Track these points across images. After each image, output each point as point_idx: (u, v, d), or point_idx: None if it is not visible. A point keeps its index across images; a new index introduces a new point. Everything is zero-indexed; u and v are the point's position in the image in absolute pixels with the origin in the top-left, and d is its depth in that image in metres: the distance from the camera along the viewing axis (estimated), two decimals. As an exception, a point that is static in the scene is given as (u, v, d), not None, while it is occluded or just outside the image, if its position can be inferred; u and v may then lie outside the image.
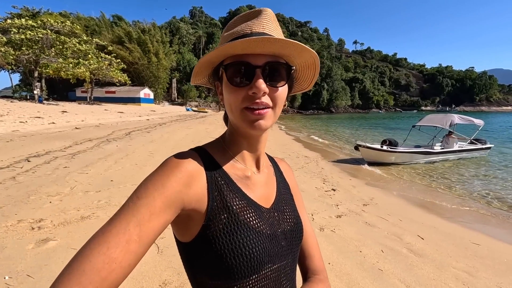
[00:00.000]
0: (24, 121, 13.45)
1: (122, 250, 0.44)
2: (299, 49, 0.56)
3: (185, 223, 0.56)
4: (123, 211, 0.48)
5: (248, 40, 0.51)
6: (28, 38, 27.06)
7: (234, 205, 0.57)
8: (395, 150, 9.50)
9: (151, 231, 0.48)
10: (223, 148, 0.65)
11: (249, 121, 0.56)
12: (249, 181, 0.64)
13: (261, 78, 0.54)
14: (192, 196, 0.54)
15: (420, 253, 3.32)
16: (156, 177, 0.52)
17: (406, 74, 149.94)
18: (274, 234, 0.61)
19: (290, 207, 0.70)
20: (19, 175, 5.14)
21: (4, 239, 2.92)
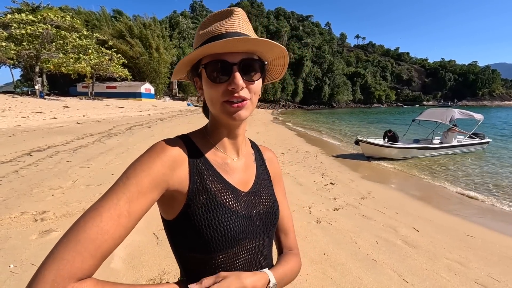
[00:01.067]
0: (26, 116, 13.54)
1: (114, 223, 0.50)
2: (271, 45, 0.62)
3: (169, 202, 0.63)
4: (114, 189, 0.54)
5: (226, 41, 0.56)
6: (28, 33, 27.01)
7: (212, 188, 0.64)
8: (394, 146, 9.54)
9: (139, 208, 0.55)
10: (205, 137, 0.71)
11: (229, 113, 0.62)
12: (228, 167, 0.70)
13: (238, 74, 0.60)
14: (175, 178, 0.61)
15: (414, 245, 3.39)
16: (144, 160, 0.58)
17: (408, 68, 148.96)
18: (249, 215, 0.68)
19: (267, 191, 0.76)
20: (22, 169, 5.23)
21: (8, 230, 3.01)
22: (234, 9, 0.65)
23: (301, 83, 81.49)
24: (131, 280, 2.34)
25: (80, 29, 33.64)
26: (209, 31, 0.63)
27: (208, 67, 0.61)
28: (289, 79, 77.00)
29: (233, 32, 0.62)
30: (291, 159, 8.26)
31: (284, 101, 75.87)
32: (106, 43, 37.62)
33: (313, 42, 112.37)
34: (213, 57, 0.61)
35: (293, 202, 4.55)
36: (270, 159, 0.86)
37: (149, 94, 45.65)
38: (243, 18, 0.65)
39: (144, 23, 54.29)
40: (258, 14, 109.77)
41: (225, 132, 0.70)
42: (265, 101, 69.06)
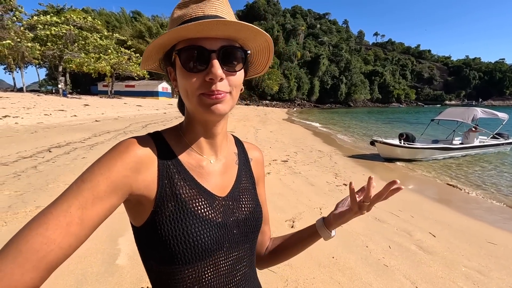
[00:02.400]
0: (48, 114, 14.11)
1: (62, 232, 0.44)
2: (254, 32, 0.55)
3: (136, 207, 0.57)
4: (66, 194, 0.48)
5: (201, 23, 0.49)
6: (53, 34, 28.22)
7: (183, 194, 0.57)
8: (412, 146, 9.19)
9: (95, 215, 0.48)
10: (179, 135, 0.64)
11: (206, 106, 0.55)
12: (203, 169, 0.63)
13: (217, 63, 0.53)
14: (140, 182, 0.54)
15: (429, 251, 3.22)
16: (103, 161, 0.51)
17: (430, 66, 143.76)
18: (225, 223, 0.61)
19: (248, 196, 0.69)
20: (40, 165, 5.42)
21: (22, 223, 3.08)
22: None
23: (317, 82, 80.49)
24: (136, 277, 2.35)
25: (101, 29, 34.83)
26: (185, 13, 0.56)
27: (182, 54, 0.54)
28: (305, 77, 76.27)
29: (212, 15, 0.55)
30: (304, 159, 8.13)
31: (299, 100, 75.23)
32: (125, 43, 38.67)
33: (330, 40, 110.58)
34: (189, 42, 0.54)
35: (303, 203, 4.46)
36: (256, 159, 0.78)
37: (166, 92, 46.55)
38: (224, 1, 0.58)
39: (162, 23, 55.47)
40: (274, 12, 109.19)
41: (202, 130, 0.63)
42: (280, 100, 68.71)
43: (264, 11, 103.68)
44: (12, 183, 4.37)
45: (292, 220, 3.75)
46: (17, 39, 20.23)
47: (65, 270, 2.32)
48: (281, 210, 4.09)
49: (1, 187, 4.15)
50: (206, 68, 0.53)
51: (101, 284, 2.26)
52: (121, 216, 0.60)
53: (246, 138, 11.11)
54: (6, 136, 8.02)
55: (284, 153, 8.77)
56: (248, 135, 12.20)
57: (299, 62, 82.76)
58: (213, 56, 0.53)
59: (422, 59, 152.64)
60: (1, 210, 3.40)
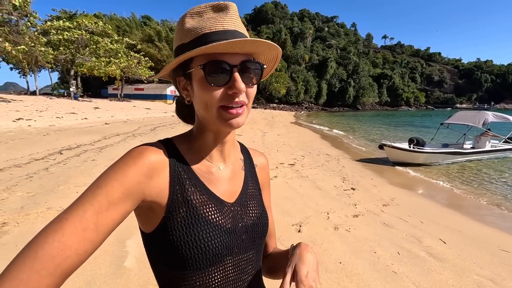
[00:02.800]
0: (60, 117, 14.42)
1: (78, 238, 0.45)
2: (270, 47, 0.58)
3: (147, 214, 0.58)
4: (82, 199, 0.49)
5: (232, 42, 0.51)
6: (65, 38, 28.89)
7: (194, 200, 0.59)
8: (422, 151, 9.04)
9: (110, 220, 0.49)
10: (190, 142, 0.66)
11: (225, 119, 0.57)
12: (212, 176, 0.64)
13: (239, 77, 0.55)
14: (153, 188, 0.55)
15: (440, 257, 3.16)
16: (117, 167, 0.52)
17: (440, 69, 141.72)
18: (234, 228, 0.62)
19: (255, 202, 0.70)
20: (51, 166, 5.54)
21: (34, 224, 3.18)
22: (229, 4, 0.59)
23: (325, 85, 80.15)
24: (143, 280, 2.37)
25: (111, 34, 35.49)
26: (201, 25, 0.56)
27: (207, 68, 0.54)
28: (312, 81, 76.05)
29: (232, 30, 0.56)
30: (311, 162, 8.09)
31: (307, 103, 74.99)
32: (135, 47, 39.31)
33: (338, 43, 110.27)
34: (211, 56, 0.54)
35: (310, 207, 4.43)
36: (261, 165, 0.79)
37: (175, 96, 47.00)
38: (238, 15, 0.60)
39: (171, 27, 56.28)
40: (282, 16, 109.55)
41: (212, 138, 0.64)
42: (287, 103, 68.64)
43: (272, 15, 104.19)
44: (24, 184, 4.47)
45: (299, 225, 3.73)
46: (31, 44, 20.76)
47: (75, 272, 2.35)
48: (288, 214, 4.07)
49: (14, 188, 4.25)
50: (228, 82, 0.55)
51: (109, 286, 2.28)
52: (129, 219, 0.61)
53: (253, 141, 11.13)
54: (20, 139, 8.22)
55: (291, 156, 8.74)
56: (255, 138, 12.21)
57: (307, 65, 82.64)
58: (235, 71, 0.55)
59: (432, 61, 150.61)
60: (14, 211, 3.48)
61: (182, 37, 0.58)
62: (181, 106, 0.72)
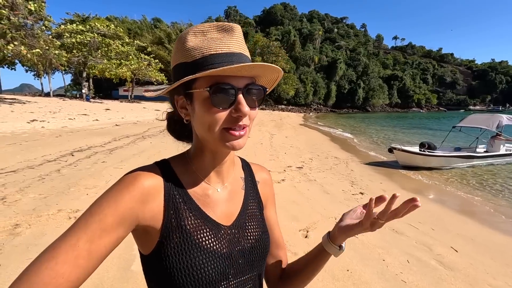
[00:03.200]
0: (72, 118, 14.74)
1: (70, 265, 0.46)
2: (274, 70, 0.58)
3: (143, 237, 0.58)
4: (75, 227, 0.50)
5: (243, 66, 0.52)
6: (78, 41, 29.62)
7: (188, 225, 0.58)
8: (433, 154, 8.86)
9: (102, 247, 0.50)
10: (187, 163, 0.65)
11: (227, 140, 0.56)
12: (209, 198, 0.64)
13: (244, 100, 0.55)
14: (147, 212, 0.55)
15: (451, 267, 3.08)
16: (110, 194, 0.53)
17: (452, 70, 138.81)
18: (230, 253, 0.62)
19: (255, 223, 0.69)
20: (63, 168, 5.65)
21: (45, 226, 3.25)
22: (234, 26, 0.58)
23: (334, 86, 79.55)
24: (149, 284, 2.38)
25: (123, 36, 36.19)
26: (206, 46, 0.55)
27: (213, 91, 0.54)
28: (321, 82, 75.59)
29: (237, 53, 0.57)
30: (319, 166, 8.02)
31: (315, 105, 74.53)
32: (145, 49, 39.92)
33: (347, 45, 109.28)
34: (217, 79, 0.54)
35: (318, 212, 4.39)
36: (264, 181, 0.78)
37: (183, 97, 47.49)
38: (242, 37, 0.60)
39: (181, 29, 56.96)
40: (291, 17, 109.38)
41: (210, 158, 0.64)
42: (296, 104, 68.35)
43: (281, 16, 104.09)
44: (37, 186, 4.58)
45: (306, 230, 3.70)
46: (45, 47, 21.33)
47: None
48: (295, 219, 4.04)
49: (26, 190, 4.36)
50: (232, 105, 0.55)
51: (116, 290, 2.31)
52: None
53: (261, 143, 11.12)
54: (33, 140, 8.44)
55: (299, 159, 8.69)
56: (263, 140, 12.20)
57: (316, 66, 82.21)
58: (239, 94, 0.55)
59: (444, 62, 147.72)
60: (26, 212, 3.57)
61: (185, 55, 0.57)
62: (174, 123, 0.71)
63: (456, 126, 10.51)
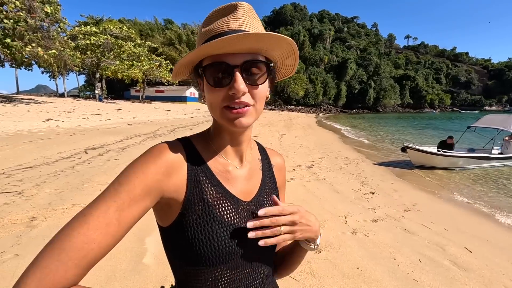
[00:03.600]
0: (86, 118, 15.09)
1: (102, 232, 0.48)
2: (276, 40, 0.55)
3: (164, 209, 0.59)
4: (105, 196, 0.51)
5: (222, 40, 0.50)
6: (92, 43, 30.28)
7: (210, 198, 0.60)
8: (447, 154, 8.65)
9: (130, 216, 0.51)
10: (207, 141, 0.67)
11: (229, 119, 0.57)
12: (229, 174, 0.65)
13: (240, 78, 0.54)
14: (171, 185, 0.57)
15: (465, 267, 3.00)
16: (138, 164, 0.54)
17: (467, 70, 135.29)
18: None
19: (272, 201, 0.69)
20: (77, 165, 5.80)
21: (60, 219, 3.34)
22: (238, 4, 0.58)
23: (344, 87, 78.80)
24: (160, 277, 2.42)
25: (135, 38, 36.79)
26: (211, 29, 0.57)
27: (207, 70, 0.56)
28: (331, 82, 74.96)
29: (236, 30, 0.55)
30: (329, 165, 7.96)
31: (325, 105, 73.98)
32: (157, 51, 40.48)
33: (358, 44, 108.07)
34: (213, 58, 0.55)
35: (328, 211, 4.36)
36: (279, 166, 0.79)
37: (194, 98, 48.00)
38: (248, 14, 0.58)
39: (192, 30, 57.57)
40: (301, 17, 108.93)
41: (228, 138, 0.65)
42: (305, 105, 67.99)
43: (291, 17, 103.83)
44: (52, 181, 4.71)
45: (316, 228, 3.67)
46: (61, 48, 21.92)
47: (97, 266, 2.42)
48: (305, 217, 4.02)
49: (43, 185, 4.49)
50: (230, 83, 0.55)
51: (128, 281, 2.35)
52: (148, 217, 0.63)
53: (271, 143, 11.11)
54: (49, 138, 8.68)
55: (309, 158, 8.64)
56: (273, 140, 12.19)
57: (326, 66, 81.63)
58: (235, 72, 0.55)
59: (458, 62, 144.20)
60: (42, 206, 3.68)
61: (197, 42, 0.61)
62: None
63: (471, 126, 10.23)
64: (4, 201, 3.78)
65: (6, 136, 8.50)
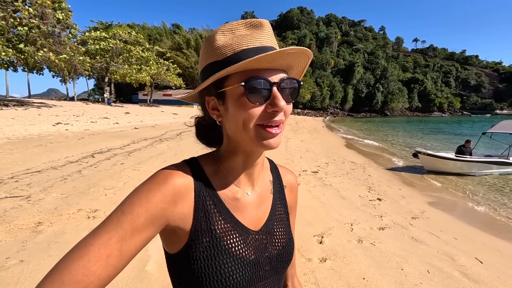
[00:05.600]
0: (94, 121, 15.31)
1: (102, 264, 0.46)
2: (306, 56, 0.56)
3: (171, 236, 0.57)
4: (107, 225, 0.49)
5: (277, 53, 0.49)
6: (101, 47, 30.84)
7: (218, 229, 0.57)
8: (459, 159, 8.48)
9: (133, 247, 0.49)
10: (216, 164, 0.63)
11: (263, 138, 0.54)
12: (239, 202, 0.62)
13: (279, 95, 0.53)
14: (177, 213, 0.54)
15: (475, 279, 2.91)
16: (142, 192, 0.52)
17: (477, 73, 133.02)
18: (258, 260, 0.60)
19: (282, 228, 0.68)
20: (84, 169, 5.86)
21: (65, 224, 3.36)
22: (263, 21, 0.57)
23: (351, 90, 78.45)
24: (162, 285, 2.40)
25: (143, 42, 37.32)
26: (237, 42, 0.54)
27: (248, 85, 0.51)
28: (338, 86, 74.71)
29: (269, 46, 0.55)
30: (335, 170, 7.88)
31: (332, 109, 73.70)
32: (165, 55, 41.00)
33: (365, 48, 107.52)
34: (251, 73, 0.52)
35: (333, 217, 4.30)
36: (290, 186, 0.76)
37: (200, 101, 48.34)
38: (272, 32, 0.58)
39: (200, 34, 58.22)
40: (308, 21, 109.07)
41: (242, 160, 0.61)
42: (312, 108, 67.82)
43: (298, 20, 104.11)
44: (59, 186, 4.76)
45: (321, 236, 3.62)
46: (71, 53, 22.39)
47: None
48: (310, 224, 3.97)
49: (50, 189, 4.54)
50: (267, 100, 0.53)
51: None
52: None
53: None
54: (58, 142, 8.82)
55: (315, 163, 8.57)
56: (279, 144, 12.14)
57: (333, 70, 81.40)
58: (274, 89, 0.53)
59: (468, 65, 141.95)
60: (48, 211, 3.71)
61: (215, 54, 0.55)
62: (203, 129, 0.69)
63: (487, 132, 9.96)
64: (12, 206, 3.83)
65: (17, 139, 8.67)
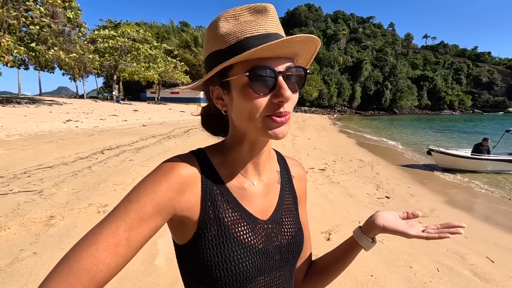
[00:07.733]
0: (103, 119, 15.53)
1: (111, 253, 0.46)
2: (313, 43, 0.54)
3: (179, 227, 0.57)
4: (114, 215, 0.49)
5: (282, 41, 0.47)
6: (110, 46, 31.20)
7: (226, 217, 0.57)
8: (472, 156, 8.33)
9: (140, 236, 0.49)
10: (223, 154, 0.62)
11: (270, 128, 0.53)
12: (246, 191, 0.62)
13: (285, 84, 0.51)
14: (184, 203, 0.54)
15: (486, 278, 2.86)
16: (148, 182, 0.52)
17: (489, 70, 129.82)
18: (267, 249, 0.60)
19: (291, 218, 0.67)
20: (94, 165, 5.96)
21: (77, 219, 3.43)
22: (268, 6, 0.54)
23: (359, 88, 77.62)
24: (171, 279, 2.44)
25: (151, 41, 37.60)
26: (242, 29, 0.51)
27: (252, 75, 0.50)
28: (346, 83, 73.99)
29: (274, 33, 0.52)
30: (343, 168, 7.83)
31: (340, 107, 73.08)
32: (172, 53, 41.23)
33: (374, 45, 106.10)
34: (256, 62, 0.50)
35: (341, 215, 4.28)
36: (299, 176, 0.75)
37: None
38: (277, 17, 0.55)
39: (207, 32, 58.38)
40: (315, 18, 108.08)
41: (248, 150, 0.60)
42: (319, 106, 67.38)
43: (305, 17, 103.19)
44: (70, 181, 4.86)
45: (328, 232, 3.61)
46: (81, 52, 22.75)
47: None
48: (317, 221, 3.96)
49: (61, 185, 4.64)
50: (272, 90, 0.51)
51: (140, 282, 2.38)
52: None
53: (283, 145, 11.05)
54: (68, 139, 8.99)
55: (322, 161, 8.53)
56: (285, 141, 12.12)
57: (340, 67, 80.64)
58: (280, 78, 0.51)
59: (480, 62, 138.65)
60: (60, 206, 3.79)
61: (218, 42, 0.53)
62: (208, 118, 0.68)
63: (510, 130, 9.77)
64: (25, 200, 3.93)
65: (29, 136, 8.86)
